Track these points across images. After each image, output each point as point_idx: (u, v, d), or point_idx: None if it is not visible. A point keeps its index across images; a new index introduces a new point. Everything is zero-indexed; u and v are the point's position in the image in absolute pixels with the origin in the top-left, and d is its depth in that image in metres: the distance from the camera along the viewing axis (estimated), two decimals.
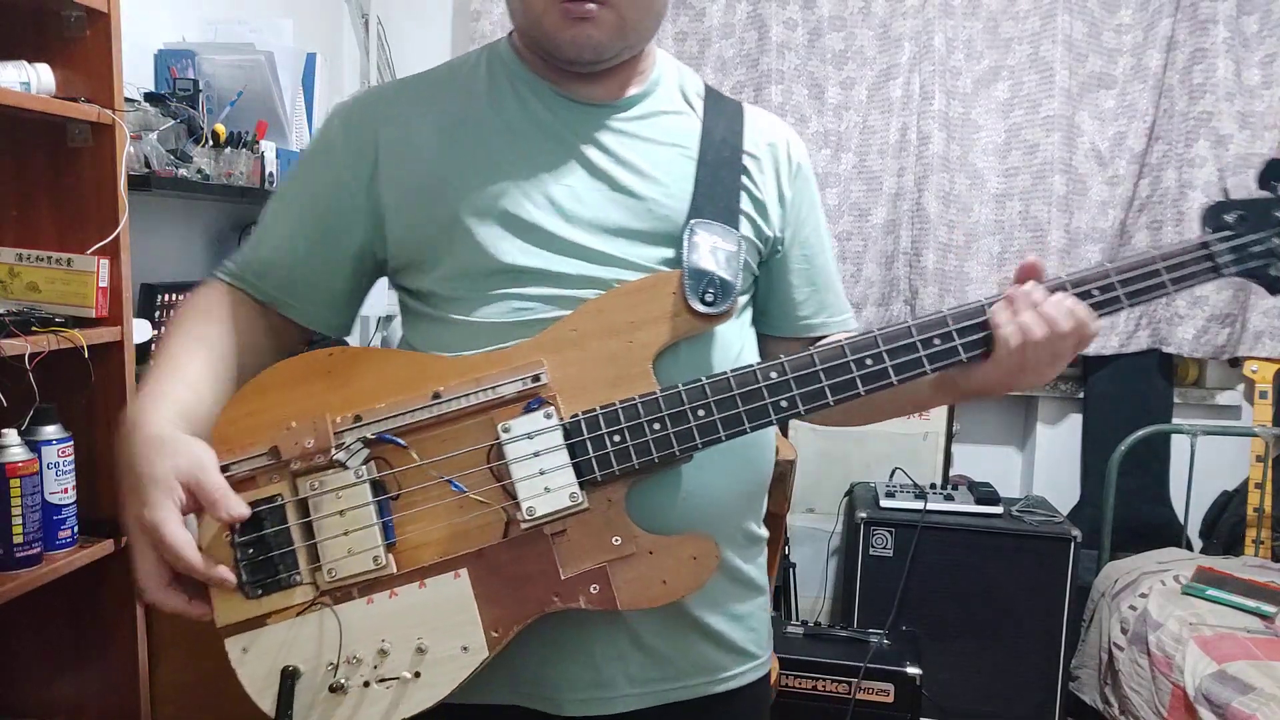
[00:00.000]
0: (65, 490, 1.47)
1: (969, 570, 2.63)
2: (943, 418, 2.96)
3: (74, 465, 1.48)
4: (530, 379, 0.92)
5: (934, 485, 2.85)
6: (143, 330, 1.73)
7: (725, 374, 0.92)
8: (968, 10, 2.84)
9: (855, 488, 2.92)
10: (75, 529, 1.50)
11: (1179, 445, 2.88)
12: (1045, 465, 3.05)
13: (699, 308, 0.94)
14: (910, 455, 2.96)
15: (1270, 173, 0.96)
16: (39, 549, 1.43)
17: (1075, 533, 2.60)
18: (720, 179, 1.01)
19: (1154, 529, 2.88)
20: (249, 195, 2.03)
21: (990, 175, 2.87)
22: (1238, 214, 0.96)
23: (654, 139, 1.02)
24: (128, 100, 1.62)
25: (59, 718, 1.62)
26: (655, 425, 0.91)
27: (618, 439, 0.90)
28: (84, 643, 1.61)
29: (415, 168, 1.00)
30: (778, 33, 2.84)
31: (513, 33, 1.06)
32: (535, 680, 0.97)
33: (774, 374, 0.92)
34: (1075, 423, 3.03)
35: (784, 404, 0.92)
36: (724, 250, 0.97)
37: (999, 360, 0.93)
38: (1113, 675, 2.45)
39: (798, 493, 2.68)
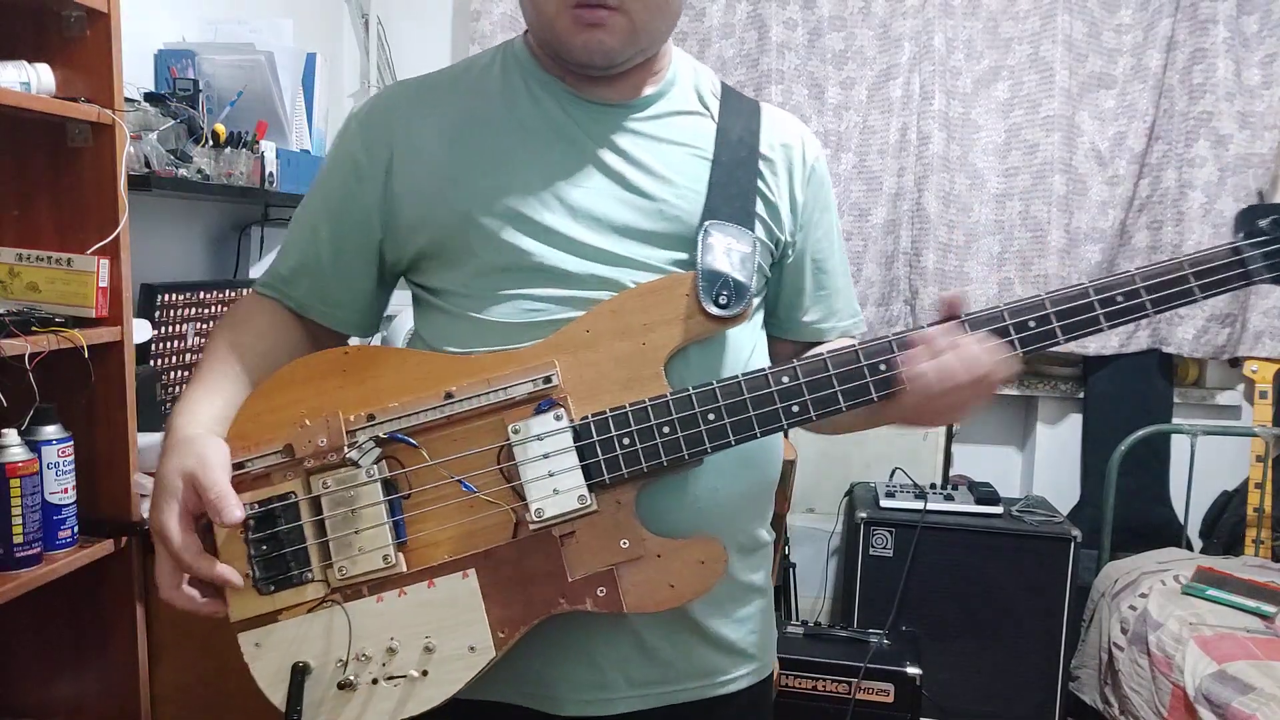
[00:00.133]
0: (65, 490, 1.47)
1: (969, 570, 2.64)
2: None
3: (74, 465, 1.48)
4: (542, 380, 0.92)
5: (934, 485, 2.85)
6: (143, 330, 1.73)
7: (736, 378, 0.92)
8: (968, 10, 2.84)
9: (855, 488, 2.92)
10: (75, 529, 1.50)
11: (1179, 445, 2.88)
12: (1045, 465, 3.05)
13: (713, 310, 0.94)
14: (910, 455, 2.96)
15: None
16: (39, 549, 1.43)
17: (1075, 533, 2.60)
18: (735, 179, 1.01)
19: (1154, 529, 2.88)
20: (249, 195, 2.03)
21: (990, 175, 2.87)
22: (1273, 219, 0.93)
23: (668, 139, 1.02)
24: (128, 100, 1.62)
25: (59, 718, 1.62)
26: (665, 429, 0.91)
27: (627, 442, 0.90)
28: (84, 643, 1.61)
29: (428, 166, 1.00)
30: (778, 33, 2.84)
31: (527, 32, 1.06)
32: (536, 680, 0.98)
33: (786, 379, 0.92)
34: (1075, 423, 3.03)
35: (795, 409, 0.92)
36: (739, 252, 0.97)
37: (903, 405, 0.93)
38: (1113, 675, 2.45)
39: (798, 493, 2.68)
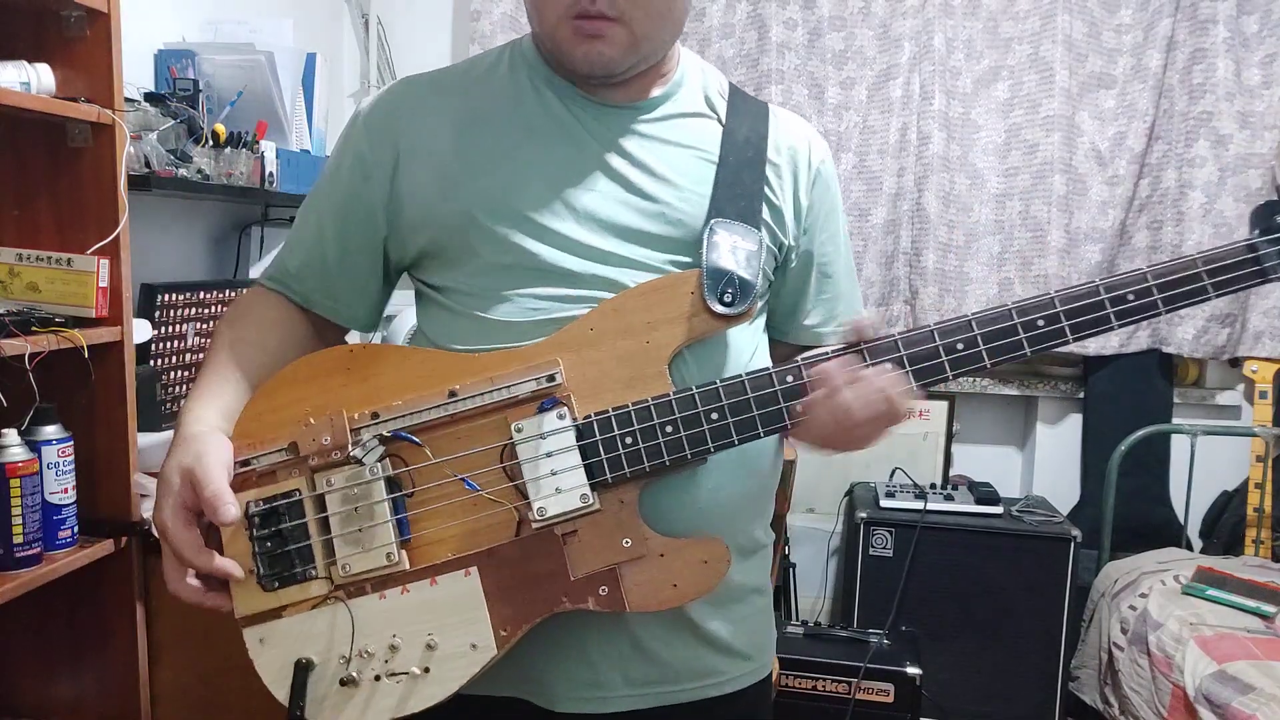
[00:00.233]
0: (65, 490, 1.47)
1: (969, 570, 2.63)
2: (943, 418, 2.97)
3: (74, 465, 1.48)
4: (545, 379, 0.92)
5: (934, 485, 2.85)
6: (143, 330, 1.73)
7: (740, 377, 0.92)
8: (968, 10, 2.84)
9: (855, 488, 2.92)
10: (75, 529, 1.50)
11: (1179, 445, 2.88)
12: (1045, 465, 3.05)
13: (717, 308, 0.93)
14: (910, 455, 2.96)
15: None
16: (39, 549, 1.43)
17: (1075, 533, 2.60)
18: (741, 180, 1.01)
19: (1154, 529, 2.88)
20: (249, 195, 2.03)
21: (990, 175, 2.87)
22: None
23: (673, 141, 1.02)
24: (128, 100, 1.62)
25: (58, 717, 1.62)
26: (668, 428, 0.90)
27: (630, 441, 0.90)
28: (84, 642, 1.61)
29: (433, 164, 1.00)
30: (778, 33, 2.84)
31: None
32: (534, 676, 0.98)
33: (790, 378, 0.92)
34: (1075, 423, 3.03)
35: (799, 409, 0.91)
36: (744, 250, 0.97)
37: (806, 437, 0.93)
38: (1113, 675, 2.45)
39: (798, 493, 2.68)
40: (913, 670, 2.24)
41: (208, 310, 2.03)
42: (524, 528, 0.90)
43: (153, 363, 1.89)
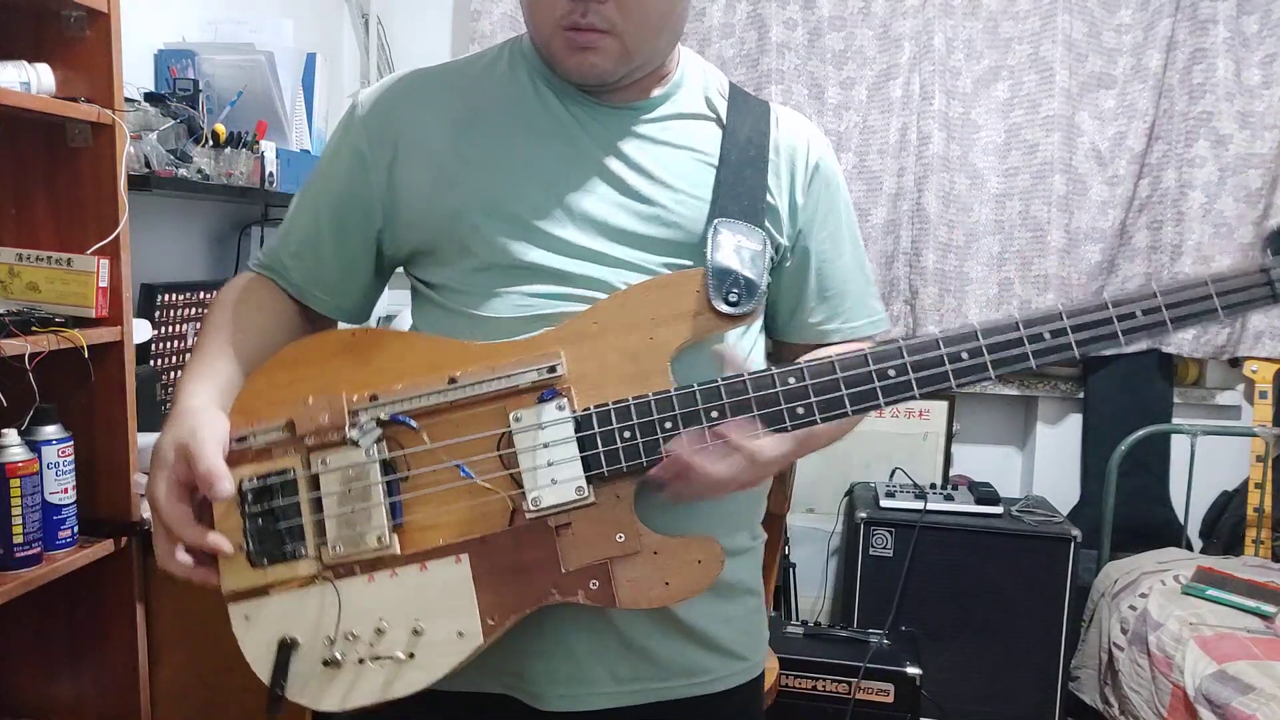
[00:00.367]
0: (65, 490, 1.47)
1: (969, 570, 2.63)
2: (943, 418, 2.97)
3: (74, 465, 1.48)
4: (546, 370, 0.91)
5: (934, 485, 2.85)
6: (143, 330, 1.73)
7: (742, 376, 0.91)
8: (968, 10, 2.84)
9: (855, 488, 2.92)
10: (75, 529, 1.50)
11: (1179, 445, 2.88)
12: (1045, 465, 3.05)
13: (722, 308, 0.93)
14: (910, 455, 2.96)
15: None
16: (39, 549, 1.43)
17: (1075, 533, 2.60)
18: (744, 178, 1.00)
19: (1154, 529, 2.88)
20: (249, 195, 2.03)
21: (990, 175, 2.87)
22: None
23: (671, 143, 1.01)
24: (128, 100, 1.62)
25: (58, 717, 1.62)
26: (667, 424, 0.90)
27: (628, 435, 0.90)
28: (84, 642, 1.61)
29: (430, 160, 1.00)
30: (778, 33, 2.84)
31: None
32: (520, 674, 0.97)
33: (792, 380, 0.90)
34: (1075, 423, 3.03)
35: (800, 411, 0.90)
36: (748, 249, 0.96)
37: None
38: (1113, 675, 2.45)
39: (798, 493, 2.68)
40: (912, 670, 2.24)
41: (207, 310, 2.03)
42: (517, 517, 0.90)
43: (153, 363, 1.89)
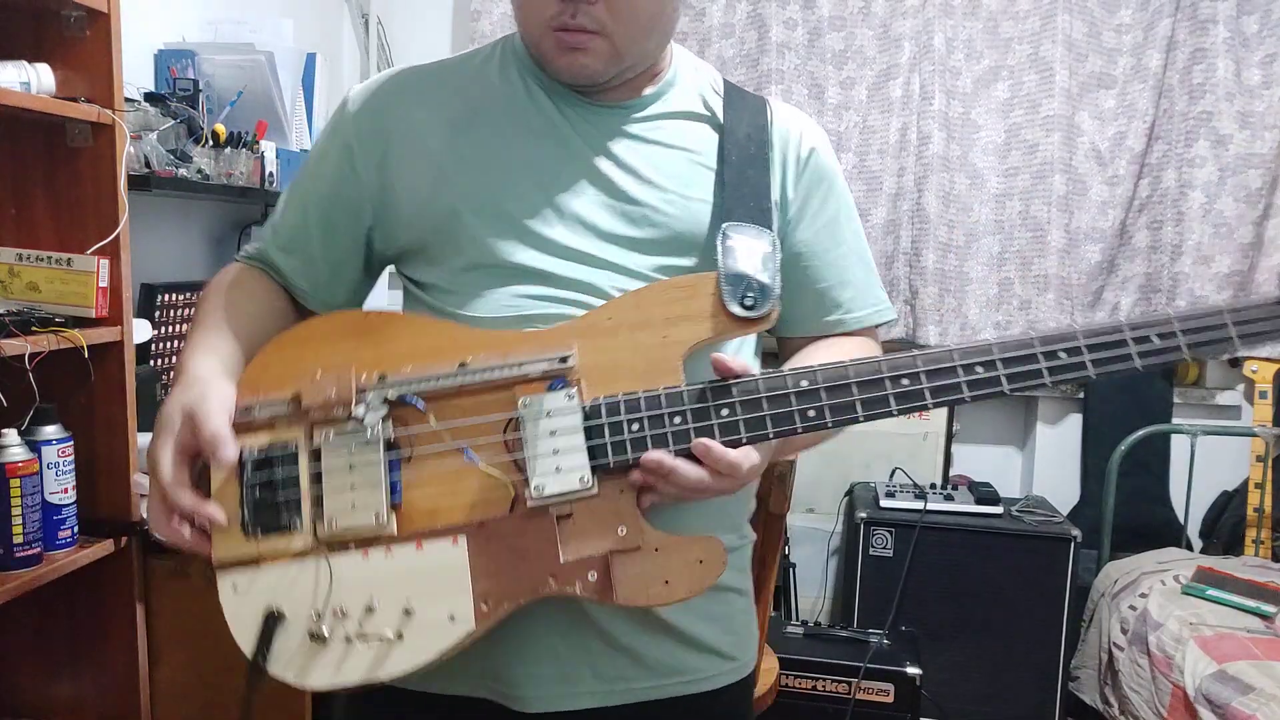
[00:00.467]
0: (65, 490, 1.47)
1: (969, 570, 2.63)
2: (943, 418, 2.97)
3: (74, 465, 1.48)
4: (558, 359, 0.91)
5: (934, 485, 2.85)
6: (143, 330, 1.73)
7: (755, 376, 0.90)
8: (968, 10, 2.84)
9: (855, 488, 2.92)
10: (75, 529, 1.50)
11: (1179, 445, 2.88)
12: (1045, 465, 3.05)
13: (738, 312, 0.92)
14: (910, 455, 2.96)
15: None
16: (39, 549, 1.43)
17: (1075, 533, 2.60)
18: (748, 179, 1.00)
19: (1154, 529, 2.88)
20: (249, 195, 2.03)
21: (990, 175, 2.87)
22: None
23: (661, 142, 1.01)
24: (128, 100, 1.62)
25: (59, 717, 1.62)
26: (676, 419, 0.89)
27: (636, 428, 0.89)
28: (84, 642, 1.61)
29: (422, 158, 1.00)
30: (778, 33, 2.84)
31: None
32: (502, 676, 0.97)
33: (805, 382, 0.90)
34: (1075, 423, 3.03)
35: (811, 414, 0.89)
36: (760, 252, 0.95)
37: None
38: (1113, 675, 2.45)
39: (798, 493, 2.66)
40: (912, 670, 2.24)
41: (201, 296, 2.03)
42: (519, 504, 0.89)
43: (153, 363, 1.89)
